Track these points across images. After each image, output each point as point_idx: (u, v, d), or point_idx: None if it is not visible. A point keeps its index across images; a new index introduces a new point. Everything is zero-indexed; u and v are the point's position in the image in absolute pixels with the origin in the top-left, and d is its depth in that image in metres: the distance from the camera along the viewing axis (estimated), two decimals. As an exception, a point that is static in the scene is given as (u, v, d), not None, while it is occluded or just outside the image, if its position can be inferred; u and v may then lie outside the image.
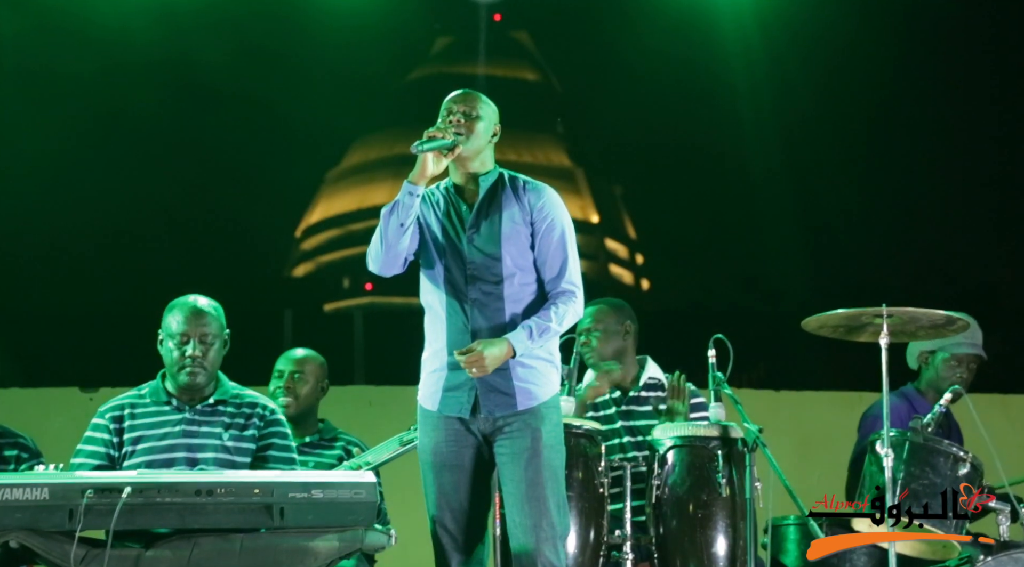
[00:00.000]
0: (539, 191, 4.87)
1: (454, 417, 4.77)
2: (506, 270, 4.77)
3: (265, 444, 5.12)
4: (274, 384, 6.00)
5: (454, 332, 4.77)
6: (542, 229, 4.82)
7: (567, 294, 4.79)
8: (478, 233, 4.80)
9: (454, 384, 4.77)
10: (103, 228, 8.36)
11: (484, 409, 4.73)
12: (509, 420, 4.73)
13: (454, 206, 4.85)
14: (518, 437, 4.71)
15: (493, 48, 8.81)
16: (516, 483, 4.69)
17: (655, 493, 5.33)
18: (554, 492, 4.72)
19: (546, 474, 4.70)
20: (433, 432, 4.80)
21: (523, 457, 4.70)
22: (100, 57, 8.17)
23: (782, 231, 8.90)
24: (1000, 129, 8.58)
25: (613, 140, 8.82)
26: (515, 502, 4.69)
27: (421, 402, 4.87)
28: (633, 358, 5.90)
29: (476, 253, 4.78)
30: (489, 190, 4.84)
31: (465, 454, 4.77)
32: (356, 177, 9.03)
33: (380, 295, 9.06)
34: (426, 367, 4.88)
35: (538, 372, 4.78)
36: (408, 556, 5.53)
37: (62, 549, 4.34)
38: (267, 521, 4.39)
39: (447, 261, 4.80)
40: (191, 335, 5.10)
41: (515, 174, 4.93)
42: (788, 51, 8.48)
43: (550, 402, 4.80)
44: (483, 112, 4.84)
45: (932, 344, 6.05)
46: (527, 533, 4.67)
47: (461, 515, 4.75)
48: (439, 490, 4.76)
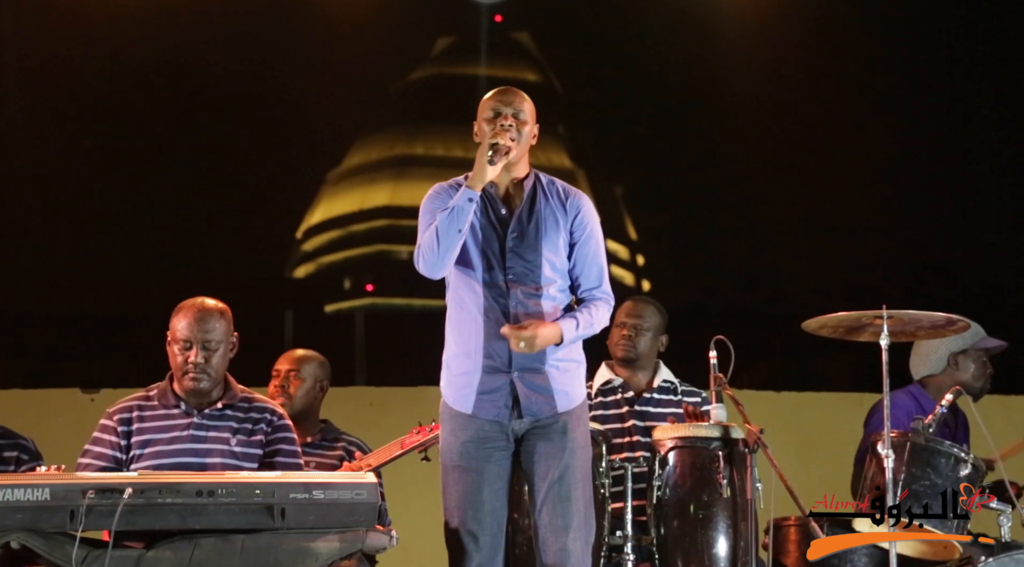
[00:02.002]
0: (578, 199, 4.89)
1: (487, 419, 4.76)
2: (545, 277, 4.79)
3: (272, 449, 5.10)
4: (272, 383, 5.99)
5: (493, 338, 4.74)
6: (581, 238, 4.84)
7: (603, 301, 4.85)
8: (518, 238, 4.79)
9: (491, 387, 4.75)
10: (104, 228, 8.37)
11: (526, 412, 4.74)
12: (545, 421, 4.75)
13: (492, 208, 4.83)
14: (554, 438, 4.73)
15: (494, 49, 8.81)
16: (549, 483, 4.70)
17: (656, 494, 5.33)
18: (584, 493, 4.75)
19: (578, 475, 4.73)
20: (462, 432, 4.77)
21: (558, 457, 4.71)
22: (101, 58, 8.18)
23: (783, 232, 8.91)
24: (1001, 129, 8.58)
25: (613, 140, 8.83)
26: (547, 502, 4.70)
27: (450, 403, 4.82)
28: (654, 363, 5.97)
29: (516, 258, 4.78)
30: (530, 195, 4.85)
31: (494, 455, 4.75)
32: (357, 178, 9.04)
33: (381, 296, 9.06)
34: (453, 368, 4.83)
35: (573, 375, 4.81)
36: (409, 556, 5.53)
37: (63, 550, 4.33)
38: (268, 522, 4.38)
39: (486, 264, 4.77)
40: (194, 341, 5.06)
41: (551, 178, 4.94)
42: (789, 51, 8.48)
43: (583, 404, 4.86)
44: (528, 114, 4.82)
45: (956, 343, 6.02)
46: (559, 533, 4.68)
47: (486, 516, 4.71)
48: (464, 490, 4.73)
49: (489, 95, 4.87)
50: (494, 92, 4.88)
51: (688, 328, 6.26)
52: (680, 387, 5.92)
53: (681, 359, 5.99)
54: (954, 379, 6.03)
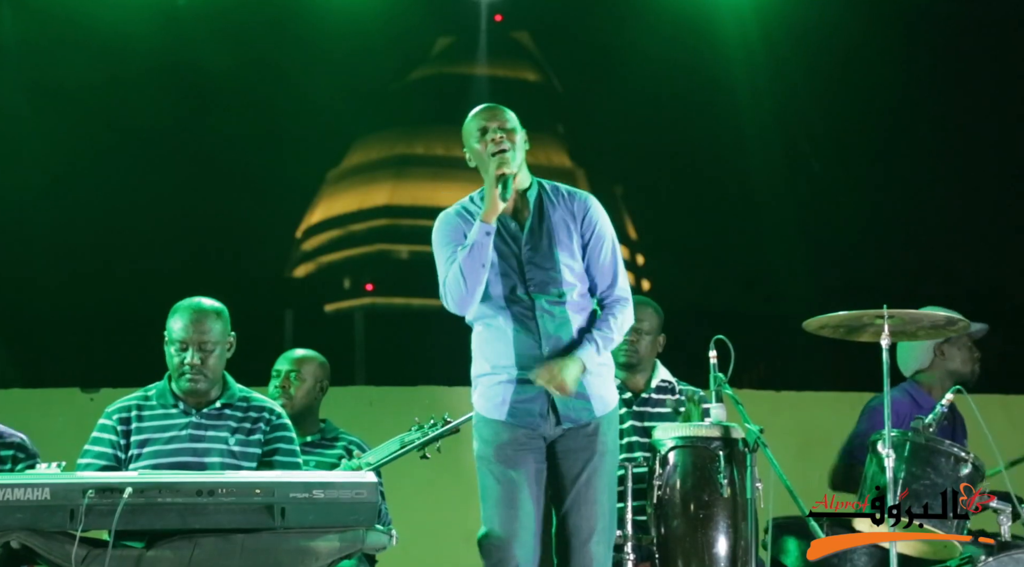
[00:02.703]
0: (584, 200, 4.92)
1: (522, 426, 4.80)
2: (566, 283, 4.82)
3: (271, 448, 5.11)
4: (272, 384, 6.00)
5: (524, 347, 4.79)
6: (591, 238, 4.89)
7: (622, 302, 4.90)
8: (532, 249, 4.83)
9: (525, 396, 4.80)
10: (104, 228, 8.36)
11: (565, 420, 4.80)
12: (581, 425, 4.82)
13: (502, 224, 4.85)
14: (587, 441, 4.81)
15: (494, 48, 8.81)
16: (578, 485, 4.78)
17: (656, 493, 5.33)
18: (610, 497, 4.85)
19: (607, 480, 4.83)
20: (496, 437, 4.82)
21: (589, 460, 4.80)
22: (103, 61, 8.17)
23: (783, 232, 8.90)
24: (1001, 129, 8.58)
25: (613, 140, 8.82)
26: (574, 503, 4.77)
27: (483, 413, 4.87)
28: (652, 363, 5.97)
29: (534, 269, 4.82)
30: (536, 205, 4.87)
31: (530, 456, 4.80)
32: (357, 177, 9.03)
33: (381, 296, 9.06)
34: (485, 381, 4.88)
35: (606, 378, 4.91)
36: (409, 556, 5.53)
37: (63, 549, 4.34)
38: (268, 521, 4.38)
39: (506, 280, 4.81)
40: (190, 342, 5.05)
41: (553, 183, 4.96)
42: (789, 52, 8.48)
43: (616, 408, 4.95)
44: (514, 122, 4.85)
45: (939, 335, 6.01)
46: (585, 535, 4.76)
47: (525, 517, 4.75)
48: (502, 493, 4.77)
49: (469, 118, 4.90)
50: (473, 114, 4.90)
51: (688, 328, 6.26)
52: (678, 386, 5.92)
53: (681, 359, 5.99)
54: (944, 369, 6.06)
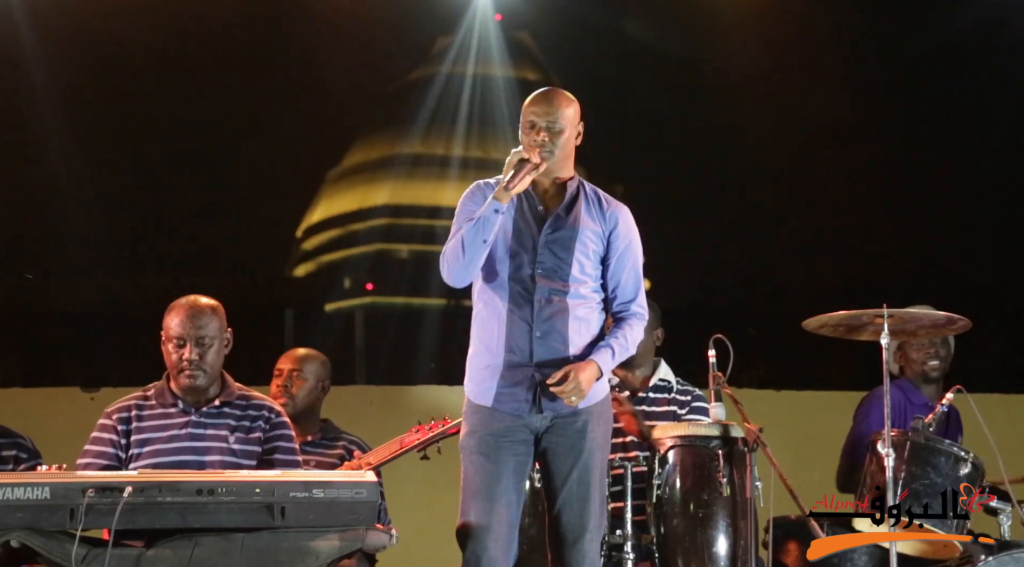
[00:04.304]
0: (620, 211, 4.90)
1: (508, 413, 4.76)
2: (573, 276, 4.79)
3: (271, 447, 5.11)
4: (274, 383, 6.00)
5: (516, 331, 4.76)
6: (619, 249, 4.87)
7: (639, 316, 4.89)
8: (553, 235, 4.80)
9: (512, 381, 4.76)
10: (104, 228, 8.36)
11: (547, 407, 4.75)
12: (567, 417, 4.76)
13: (529, 205, 4.83)
14: (574, 435, 4.76)
15: (494, 48, 8.80)
16: (567, 479, 4.74)
17: (656, 492, 5.32)
18: (600, 492, 4.80)
19: (597, 474, 4.78)
20: (481, 425, 4.77)
21: (578, 454, 4.75)
22: (100, 57, 8.17)
23: (783, 231, 8.90)
24: (1000, 129, 8.58)
25: (613, 139, 8.82)
26: (565, 501, 4.74)
27: (472, 397, 4.83)
28: (651, 360, 5.95)
29: (548, 254, 4.78)
30: (572, 197, 4.85)
31: (514, 448, 4.75)
32: (357, 177, 9.03)
33: (381, 295, 9.06)
34: (476, 363, 4.85)
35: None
36: (409, 556, 5.53)
37: (63, 548, 4.34)
38: (268, 520, 4.38)
39: (516, 258, 4.78)
40: (187, 338, 5.07)
41: (595, 187, 4.94)
42: (789, 50, 8.48)
43: (605, 401, 4.87)
44: (567, 122, 4.79)
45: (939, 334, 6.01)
46: (574, 529, 4.72)
47: (502, 509, 4.71)
48: (481, 482, 4.72)
49: (529, 101, 4.85)
50: (533, 98, 4.85)
51: (688, 327, 6.26)
52: (676, 386, 5.91)
53: (681, 358, 5.98)
54: (911, 370, 6.07)
